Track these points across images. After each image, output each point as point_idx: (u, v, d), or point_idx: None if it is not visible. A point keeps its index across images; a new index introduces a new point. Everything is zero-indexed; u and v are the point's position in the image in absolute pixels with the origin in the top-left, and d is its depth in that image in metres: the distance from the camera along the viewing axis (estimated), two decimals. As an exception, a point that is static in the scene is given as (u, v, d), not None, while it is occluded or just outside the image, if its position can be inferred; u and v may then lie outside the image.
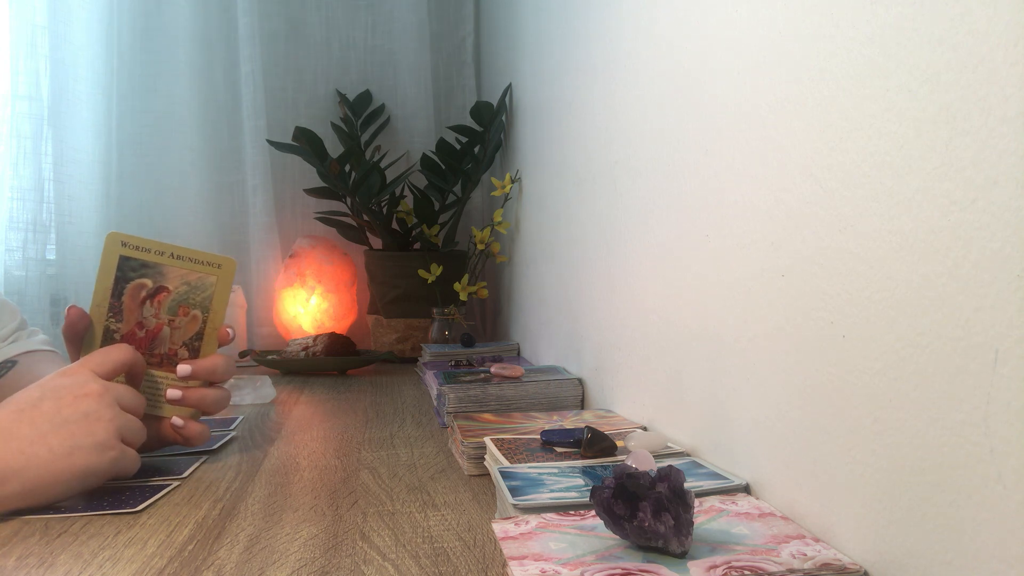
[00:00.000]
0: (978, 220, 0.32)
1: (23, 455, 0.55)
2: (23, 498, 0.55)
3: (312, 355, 1.30)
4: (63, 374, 0.61)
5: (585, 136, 0.90)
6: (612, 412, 0.79)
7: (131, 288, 0.68)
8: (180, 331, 0.70)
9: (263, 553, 0.48)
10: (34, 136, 1.35)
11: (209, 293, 0.70)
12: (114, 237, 0.67)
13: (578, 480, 0.54)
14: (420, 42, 1.61)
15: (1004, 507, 0.31)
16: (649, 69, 0.70)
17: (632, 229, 0.75)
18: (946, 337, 0.34)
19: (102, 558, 0.48)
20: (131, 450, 0.61)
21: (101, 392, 0.60)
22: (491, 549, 0.49)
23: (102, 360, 0.63)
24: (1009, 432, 0.31)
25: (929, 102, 0.35)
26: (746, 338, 0.53)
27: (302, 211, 1.60)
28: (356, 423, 0.89)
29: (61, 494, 0.57)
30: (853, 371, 0.41)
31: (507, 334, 1.41)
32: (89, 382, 0.60)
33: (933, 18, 0.35)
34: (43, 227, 1.37)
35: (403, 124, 1.64)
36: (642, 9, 0.72)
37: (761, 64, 0.50)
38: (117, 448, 0.59)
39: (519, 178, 1.28)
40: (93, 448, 0.58)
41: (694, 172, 0.61)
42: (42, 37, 1.35)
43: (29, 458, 0.55)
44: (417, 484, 0.64)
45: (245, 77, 1.53)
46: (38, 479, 0.55)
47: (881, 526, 0.38)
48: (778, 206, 0.48)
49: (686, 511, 0.41)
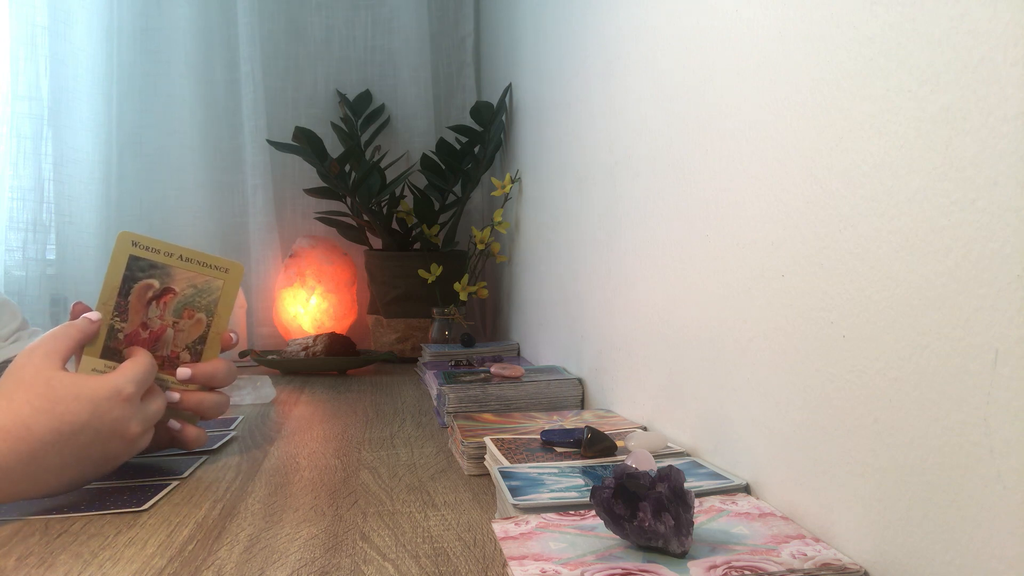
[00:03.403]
0: (978, 220, 0.32)
1: (36, 483, 0.56)
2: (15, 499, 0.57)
3: (312, 355, 1.30)
4: (118, 397, 0.59)
5: (585, 136, 0.90)
6: (612, 412, 0.79)
7: (138, 288, 0.68)
8: (184, 334, 0.70)
9: (263, 553, 0.48)
10: (34, 136, 1.35)
11: (215, 297, 0.70)
12: (125, 236, 0.68)
13: (578, 480, 0.54)
14: (420, 42, 1.61)
15: (1004, 507, 0.31)
16: (649, 69, 0.70)
17: (632, 229, 0.75)
18: (946, 337, 0.34)
19: (102, 558, 0.48)
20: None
21: (137, 437, 0.61)
22: (491, 549, 0.49)
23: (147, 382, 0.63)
24: (1009, 432, 0.31)
25: (929, 102, 0.35)
26: (746, 338, 0.53)
27: (302, 211, 1.60)
28: (356, 423, 0.89)
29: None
30: (853, 371, 0.41)
31: (507, 334, 1.41)
32: (133, 423, 0.60)
33: (933, 18, 0.35)
34: (43, 227, 1.37)
35: (403, 124, 1.64)
36: (642, 9, 0.72)
37: (761, 64, 0.50)
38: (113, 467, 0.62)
39: (519, 178, 1.28)
40: (92, 473, 0.60)
41: (694, 172, 0.61)
42: (42, 37, 1.35)
43: (41, 486, 0.57)
44: (417, 484, 0.64)
45: (245, 77, 1.53)
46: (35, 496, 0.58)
47: (881, 526, 0.38)
48: (778, 206, 0.48)
49: (686, 511, 0.41)
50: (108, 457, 0.60)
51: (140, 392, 0.61)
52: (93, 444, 0.58)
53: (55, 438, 0.55)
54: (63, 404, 0.56)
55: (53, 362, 0.58)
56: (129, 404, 0.60)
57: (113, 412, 0.59)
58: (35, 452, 0.54)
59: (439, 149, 1.42)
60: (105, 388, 0.59)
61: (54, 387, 0.57)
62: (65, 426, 0.56)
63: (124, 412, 0.59)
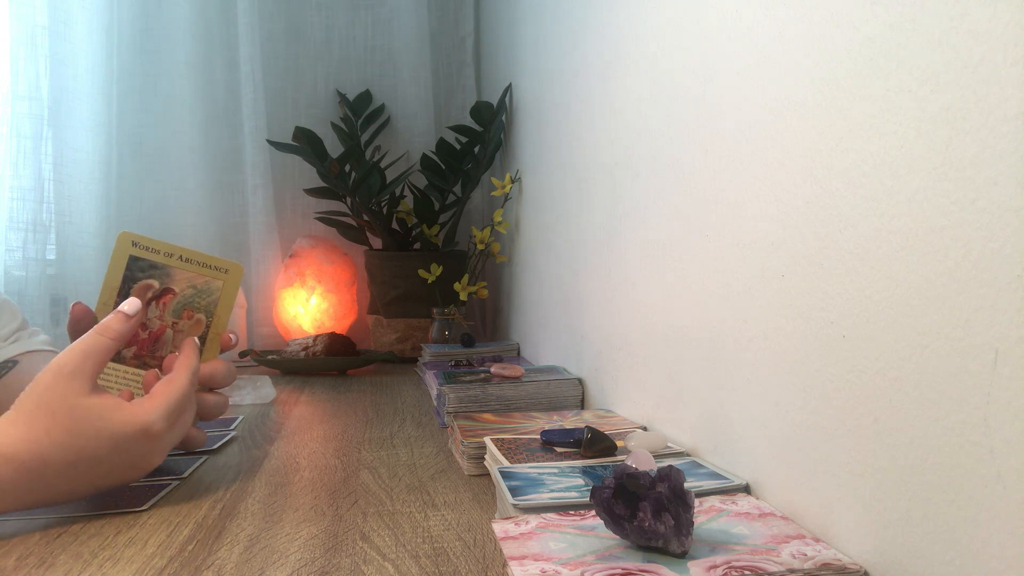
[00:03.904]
0: (978, 220, 0.32)
1: (39, 503, 0.54)
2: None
3: (312, 355, 1.30)
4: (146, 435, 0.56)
5: (585, 136, 0.90)
6: (612, 412, 0.79)
7: (137, 288, 0.68)
8: (183, 334, 0.70)
9: (263, 553, 0.48)
10: (34, 136, 1.35)
11: (214, 298, 0.70)
12: (125, 237, 0.68)
13: (578, 480, 0.54)
14: (420, 42, 1.61)
15: (1004, 507, 0.31)
16: (649, 69, 0.70)
17: (632, 229, 0.75)
18: (946, 337, 0.34)
19: (102, 558, 0.48)
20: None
21: (154, 467, 0.59)
22: (491, 549, 0.49)
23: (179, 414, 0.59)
24: (1009, 432, 0.31)
25: (929, 102, 0.35)
26: (746, 338, 0.53)
27: (302, 211, 1.60)
28: (356, 423, 0.89)
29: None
30: (853, 371, 0.41)
31: (507, 334, 1.41)
32: (155, 457, 0.58)
33: (933, 18, 0.35)
34: (43, 227, 1.37)
35: (403, 124, 1.64)
36: (642, 9, 0.72)
37: (761, 64, 0.50)
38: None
39: (519, 178, 1.28)
40: (98, 491, 0.57)
41: (694, 172, 0.61)
42: (42, 37, 1.35)
43: (41, 502, 0.54)
44: (417, 484, 0.64)
45: (245, 77, 1.53)
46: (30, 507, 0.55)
47: (881, 526, 0.38)
48: (778, 206, 0.48)
49: (686, 511, 0.41)
50: (120, 481, 0.58)
51: (170, 425, 0.58)
52: (109, 475, 0.56)
53: (69, 470, 0.53)
54: (84, 439, 0.53)
55: (81, 386, 0.54)
56: (153, 442, 0.57)
57: (137, 449, 0.56)
58: (46, 480, 0.53)
59: (439, 149, 1.42)
60: (132, 425, 0.55)
61: (78, 419, 0.53)
62: (83, 462, 0.54)
63: (148, 448, 0.57)
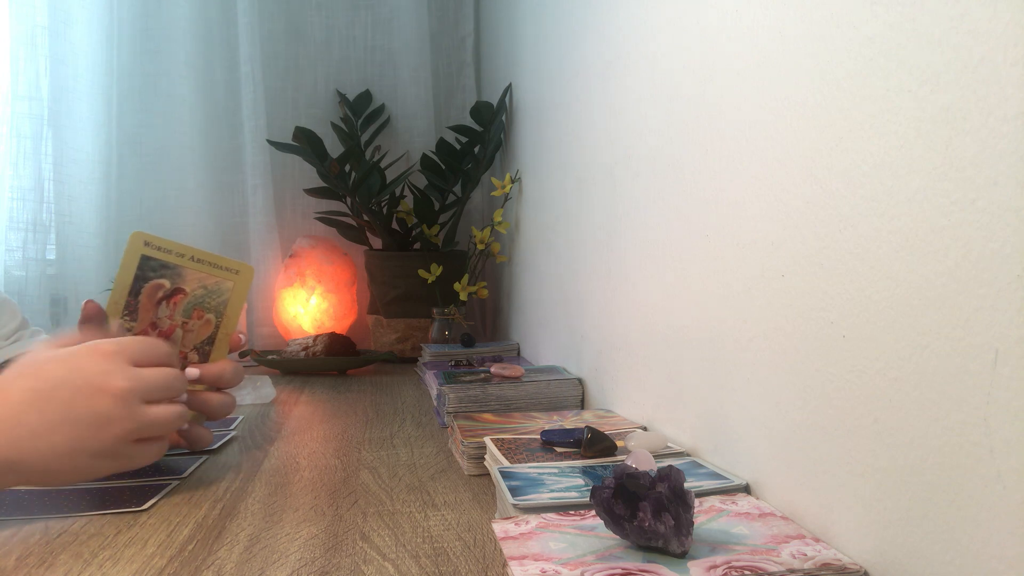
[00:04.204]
0: (978, 220, 0.32)
1: (22, 450, 0.53)
2: (24, 482, 0.57)
3: (312, 355, 1.30)
4: (95, 352, 0.58)
5: (585, 136, 0.90)
6: (612, 412, 0.79)
7: (148, 288, 0.68)
8: (192, 334, 0.70)
9: (263, 553, 0.48)
10: (34, 136, 1.35)
11: (225, 298, 0.71)
12: (137, 236, 0.68)
13: (578, 480, 0.54)
14: (420, 42, 1.61)
15: (1004, 507, 0.31)
16: (649, 69, 0.70)
17: (632, 229, 0.75)
18: (946, 337, 0.34)
19: (102, 558, 0.48)
20: (148, 448, 0.59)
21: (124, 393, 0.56)
22: (491, 549, 0.49)
23: (141, 351, 0.60)
24: (1009, 432, 0.31)
25: (929, 102, 0.35)
26: (746, 338, 0.53)
27: (302, 211, 1.60)
28: (356, 423, 0.89)
29: (63, 484, 0.59)
30: (853, 371, 0.41)
31: (507, 334, 1.41)
32: (115, 376, 0.56)
33: (933, 18, 0.35)
34: (43, 227, 1.37)
35: (403, 124, 1.64)
36: (642, 9, 0.72)
37: (761, 64, 0.50)
38: (123, 456, 0.57)
39: (519, 178, 1.28)
40: (95, 455, 0.55)
41: (694, 172, 0.61)
42: (42, 37, 1.35)
43: (29, 452, 0.53)
44: (417, 484, 0.64)
45: (245, 77, 1.53)
46: (36, 472, 0.54)
47: (881, 526, 0.38)
48: (778, 206, 0.48)
49: (686, 511, 0.41)
50: (99, 416, 0.55)
51: (122, 352, 0.58)
52: (75, 399, 0.55)
53: (32, 396, 0.54)
54: (39, 366, 0.56)
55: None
56: (107, 359, 0.57)
57: (91, 366, 0.56)
58: (16, 414, 0.53)
59: (439, 149, 1.42)
60: (83, 347, 0.58)
61: (36, 359, 0.57)
62: (40, 383, 0.55)
63: (102, 366, 0.57)
